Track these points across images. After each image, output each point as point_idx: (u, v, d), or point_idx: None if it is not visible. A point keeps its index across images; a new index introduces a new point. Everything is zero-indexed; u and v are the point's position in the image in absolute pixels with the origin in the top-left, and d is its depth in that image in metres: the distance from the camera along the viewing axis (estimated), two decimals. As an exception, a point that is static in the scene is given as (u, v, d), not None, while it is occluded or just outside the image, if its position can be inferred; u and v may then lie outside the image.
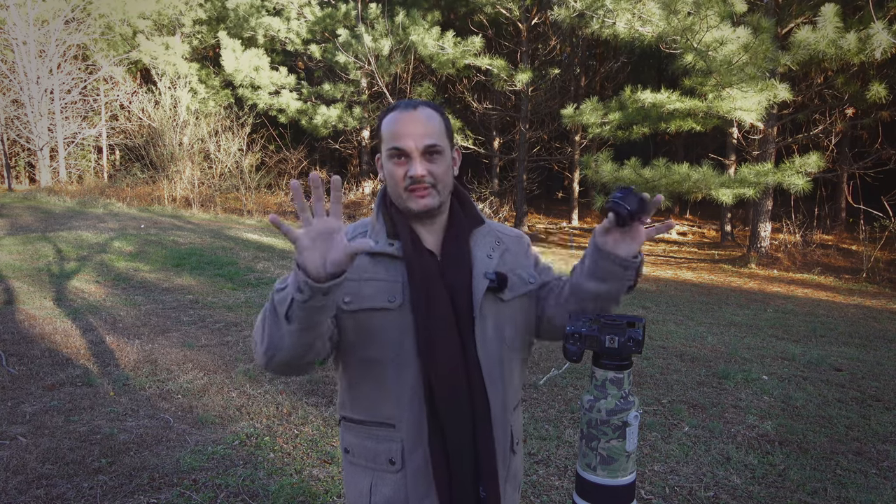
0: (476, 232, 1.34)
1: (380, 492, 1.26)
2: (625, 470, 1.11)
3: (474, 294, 1.25)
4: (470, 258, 1.29)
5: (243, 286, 7.14)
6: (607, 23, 10.15)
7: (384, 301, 1.23)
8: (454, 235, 1.31)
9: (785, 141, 12.15)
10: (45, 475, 2.91)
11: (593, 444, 1.12)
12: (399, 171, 1.25)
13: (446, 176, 1.28)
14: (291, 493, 2.82)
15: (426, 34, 13.85)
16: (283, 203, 17.13)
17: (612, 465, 1.11)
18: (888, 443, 3.60)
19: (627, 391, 1.12)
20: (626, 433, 1.10)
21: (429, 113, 1.27)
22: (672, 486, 3.02)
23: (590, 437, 1.12)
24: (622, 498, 1.12)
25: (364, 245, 1.00)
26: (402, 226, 1.28)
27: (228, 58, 16.70)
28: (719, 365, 4.95)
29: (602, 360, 1.12)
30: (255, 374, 4.36)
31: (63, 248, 8.41)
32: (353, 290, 1.24)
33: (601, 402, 1.11)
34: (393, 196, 1.29)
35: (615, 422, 1.10)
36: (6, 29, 17.40)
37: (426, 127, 1.25)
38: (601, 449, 1.11)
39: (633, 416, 1.11)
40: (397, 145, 1.24)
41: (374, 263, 1.26)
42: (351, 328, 1.25)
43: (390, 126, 1.26)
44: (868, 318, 7.21)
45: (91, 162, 20.79)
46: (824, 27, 8.47)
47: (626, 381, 1.12)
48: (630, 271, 1.23)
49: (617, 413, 1.10)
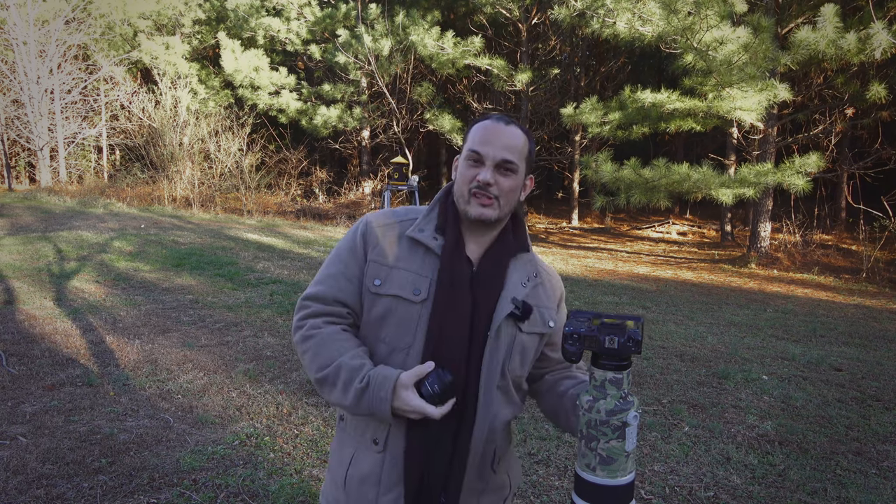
0: (519, 256, 1.35)
1: (358, 465, 1.30)
2: (624, 470, 1.11)
3: (496, 314, 1.27)
4: (503, 279, 1.31)
5: (243, 286, 7.14)
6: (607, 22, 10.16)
7: (409, 292, 1.26)
8: (497, 252, 1.33)
9: (785, 141, 12.15)
10: (45, 475, 2.91)
11: (592, 444, 1.11)
12: (470, 172, 1.28)
13: (512, 194, 1.30)
14: (291, 493, 2.82)
15: (426, 34, 13.86)
16: (283, 203, 17.14)
17: (612, 466, 1.10)
18: (888, 443, 3.60)
19: (627, 391, 1.11)
20: (626, 433, 1.09)
21: (517, 133, 1.30)
22: (672, 486, 3.02)
23: (589, 437, 1.12)
24: (622, 498, 1.11)
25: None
26: (452, 225, 1.31)
27: (228, 58, 16.70)
28: (719, 365, 4.95)
29: (601, 361, 1.11)
30: (255, 374, 4.36)
31: (63, 248, 8.41)
32: (384, 275, 1.29)
33: (600, 403, 1.10)
34: (456, 195, 1.32)
35: (615, 422, 1.09)
36: (6, 29, 17.41)
37: (510, 142, 1.28)
38: (600, 449, 1.10)
39: (633, 416, 1.10)
40: (477, 149, 1.27)
41: (411, 252, 1.30)
42: (373, 308, 1.29)
43: (478, 132, 1.30)
44: (868, 318, 7.21)
45: (91, 162, 20.80)
46: (824, 27, 8.47)
47: (625, 381, 1.11)
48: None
49: (616, 413, 1.09)
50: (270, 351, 4.89)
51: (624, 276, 9.65)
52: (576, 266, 10.47)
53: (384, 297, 1.27)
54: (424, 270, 1.27)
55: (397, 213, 1.36)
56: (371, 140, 18.77)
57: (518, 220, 1.40)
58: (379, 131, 18.37)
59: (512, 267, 1.33)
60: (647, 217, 19.62)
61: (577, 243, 14.56)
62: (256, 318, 5.85)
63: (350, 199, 17.83)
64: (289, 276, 7.82)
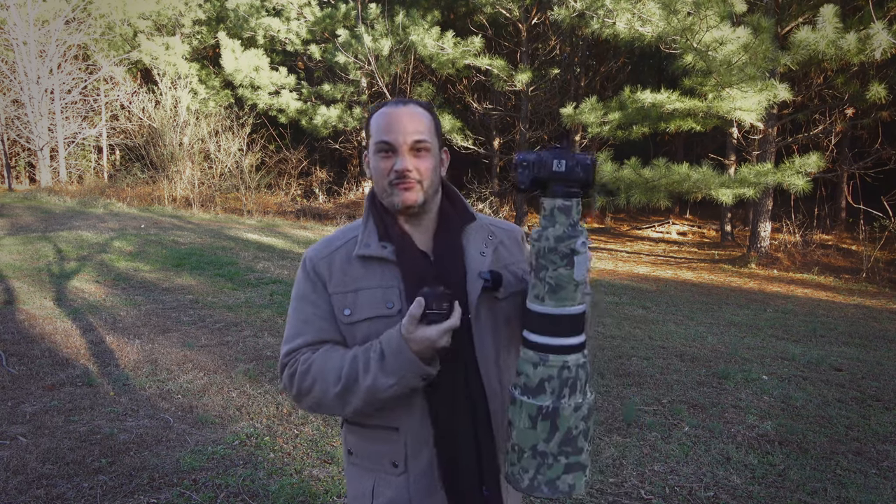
0: (468, 228, 1.32)
1: (382, 493, 1.26)
2: (573, 300, 1.09)
3: (469, 295, 1.24)
4: (463, 258, 1.28)
5: (243, 286, 7.14)
6: (607, 22, 10.14)
7: (382, 308, 1.23)
8: (445, 234, 1.30)
9: (785, 141, 12.15)
10: (45, 475, 2.91)
11: (541, 274, 1.10)
12: (385, 164, 1.23)
13: (433, 174, 1.26)
14: (291, 493, 2.82)
15: (426, 34, 13.85)
16: (283, 203, 17.13)
17: (560, 294, 1.09)
18: (888, 443, 3.60)
19: (576, 220, 1.11)
20: (575, 261, 1.08)
21: (418, 110, 1.25)
22: (672, 486, 3.02)
23: (538, 267, 1.10)
24: (570, 327, 1.10)
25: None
26: (392, 227, 1.27)
27: (228, 58, 16.70)
28: (719, 365, 4.95)
29: (551, 188, 1.11)
30: (255, 374, 4.36)
31: (63, 248, 8.41)
32: (350, 302, 1.25)
33: (549, 231, 1.09)
34: (378, 192, 1.28)
35: (563, 249, 1.08)
36: (6, 29, 17.41)
37: (415, 123, 1.23)
38: (549, 278, 1.09)
39: (581, 243, 1.09)
40: (385, 139, 1.23)
41: (366, 269, 1.26)
42: (354, 338, 1.25)
43: (379, 121, 1.25)
44: (868, 318, 7.21)
45: (91, 162, 20.80)
46: (824, 27, 8.46)
47: (574, 209, 1.10)
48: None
49: (564, 240, 1.08)
50: (270, 351, 4.89)
51: (624, 276, 9.65)
52: (576, 266, 10.46)
53: (360, 323, 1.24)
54: (387, 281, 1.24)
55: (334, 240, 1.32)
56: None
57: (452, 194, 1.35)
58: (379, 131, 18.34)
59: (466, 241, 1.29)
60: (647, 217, 19.61)
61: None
62: (256, 318, 5.85)
63: (350, 199, 17.84)
64: (289, 276, 7.82)
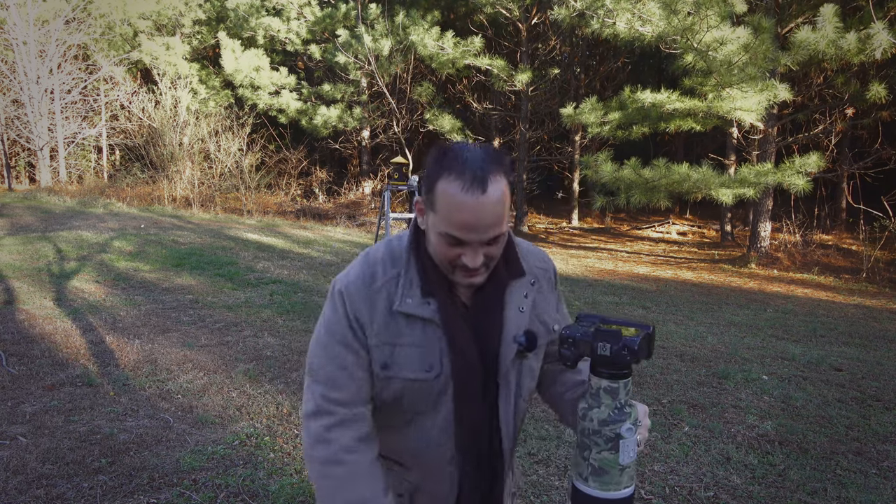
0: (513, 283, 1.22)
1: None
2: (618, 484, 1.05)
3: (501, 360, 1.19)
4: (503, 314, 1.20)
5: (243, 286, 7.14)
6: (607, 22, 10.15)
7: (421, 371, 1.15)
8: (489, 288, 1.20)
9: (785, 141, 12.15)
10: (45, 475, 2.91)
11: (585, 453, 1.07)
12: (452, 252, 1.09)
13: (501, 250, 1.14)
14: (291, 493, 2.82)
15: (426, 34, 13.86)
16: (283, 203, 17.13)
17: (604, 478, 1.05)
18: (888, 443, 3.60)
19: (623, 402, 1.06)
20: (620, 446, 1.04)
21: (498, 192, 1.04)
22: (672, 486, 3.02)
23: (582, 445, 1.07)
24: None
25: None
26: (438, 282, 1.16)
27: (228, 58, 16.70)
28: (719, 365, 4.95)
29: (597, 368, 1.07)
30: (255, 374, 4.36)
31: (63, 247, 8.41)
32: (387, 356, 1.16)
33: (594, 412, 1.06)
34: (436, 260, 1.15)
35: (607, 433, 1.04)
36: (6, 29, 17.41)
37: (494, 216, 1.05)
38: (592, 459, 1.06)
39: (627, 428, 1.04)
40: (458, 236, 1.06)
41: (409, 325, 1.16)
42: (385, 389, 1.19)
43: (452, 206, 1.04)
44: (868, 318, 7.21)
45: (91, 162, 20.80)
46: (824, 27, 8.47)
47: (622, 391, 1.05)
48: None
49: (609, 424, 1.04)
50: (270, 351, 4.89)
51: (624, 276, 9.65)
52: (576, 266, 10.47)
53: (395, 380, 1.16)
54: (430, 342, 1.15)
55: (374, 275, 1.18)
56: (371, 140, 18.77)
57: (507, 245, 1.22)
58: (379, 131, 18.37)
59: (508, 296, 1.20)
60: (647, 217, 19.62)
61: (577, 243, 14.56)
62: (256, 317, 5.85)
63: (350, 199, 17.83)
64: (289, 276, 7.82)
